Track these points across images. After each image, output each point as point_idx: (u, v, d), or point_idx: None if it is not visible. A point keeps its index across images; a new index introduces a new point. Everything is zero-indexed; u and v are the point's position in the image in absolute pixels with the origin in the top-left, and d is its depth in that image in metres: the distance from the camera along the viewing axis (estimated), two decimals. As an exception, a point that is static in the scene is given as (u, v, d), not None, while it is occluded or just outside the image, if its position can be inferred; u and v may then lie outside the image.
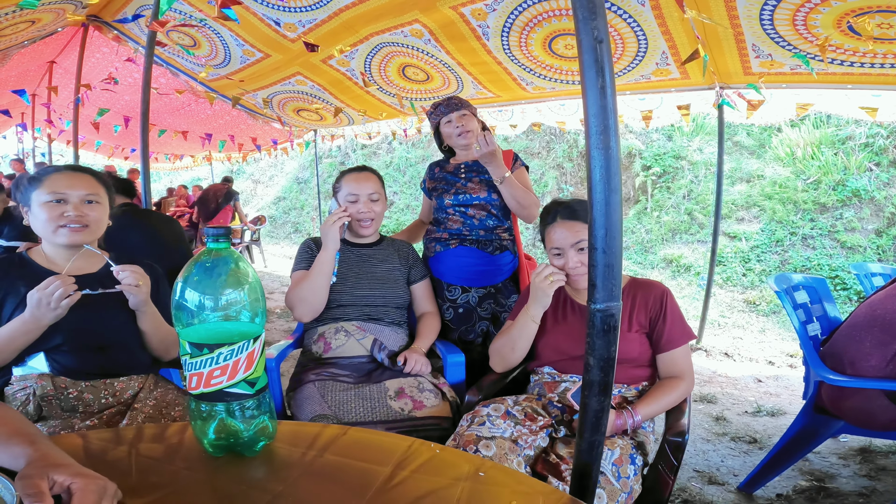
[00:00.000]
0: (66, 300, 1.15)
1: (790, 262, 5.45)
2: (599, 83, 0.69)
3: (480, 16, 2.87)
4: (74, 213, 1.27)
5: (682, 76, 3.18)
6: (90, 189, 1.31)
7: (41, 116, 6.21)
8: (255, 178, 13.53)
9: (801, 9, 2.23)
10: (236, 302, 0.74)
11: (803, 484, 2.06)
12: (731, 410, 2.86)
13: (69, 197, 1.28)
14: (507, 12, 2.79)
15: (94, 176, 1.35)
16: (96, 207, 1.32)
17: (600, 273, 0.74)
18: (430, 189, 2.12)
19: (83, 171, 1.35)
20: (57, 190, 1.27)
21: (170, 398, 1.30)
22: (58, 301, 1.13)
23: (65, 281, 1.15)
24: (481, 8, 2.80)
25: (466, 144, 2.03)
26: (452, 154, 2.14)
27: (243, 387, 0.76)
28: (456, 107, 2.02)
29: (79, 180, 1.30)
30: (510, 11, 2.78)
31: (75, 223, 1.27)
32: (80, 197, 1.29)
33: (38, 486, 0.60)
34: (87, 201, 1.30)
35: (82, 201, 1.30)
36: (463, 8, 2.82)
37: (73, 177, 1.30)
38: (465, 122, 2.01)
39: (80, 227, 1.28)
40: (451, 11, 2.86)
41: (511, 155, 2.09)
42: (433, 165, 2.16)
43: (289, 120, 5.49)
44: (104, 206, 1.35)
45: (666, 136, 7.43)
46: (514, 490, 0.74)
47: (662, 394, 1.33)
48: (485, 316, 2.00)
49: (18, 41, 3.76)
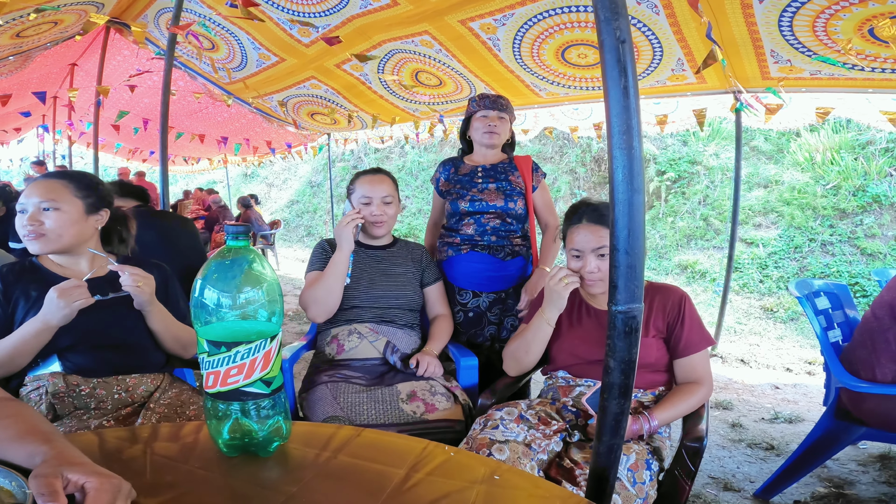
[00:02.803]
0: (78, 302, 1.15)
1: (809, 269, 5.36)
2: (622, 83, 0.68)
3: (490, 30, 2.88)
4: (28, 223, 1.25)
5: (698, 81, 3.16)
6: (45, 196, 1.26)
7: (62, 118, 6.32)
8: (269, 181, 13.66)
9: (821, 15, 2.20)
10: (254, 300, 0.74)
11: (821, 490, 2.03)
12: (748, 417, 2.81)
13: (27, 206, 1.26)
14: (517, 26, 2.79)
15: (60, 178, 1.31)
16: (52, 214, 1.26)
17: (622, 274, 0.73)
18: (444, 190, 2.10)
19: (54, 177, 1.31)
20: (22, 199, 1.26)
21: (184, 398, 1.31)
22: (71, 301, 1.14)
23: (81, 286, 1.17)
24: (490, 22, 2.80)
25: (489, 145, 2.02)
26: (469, 150, 2.13)
27: (259, 386, 0.76)
28: (501, 107, 2.01)
29: (37, 188, 1.27)
30: (520, 26, 2.77)
31: (32, 233, 1.25)
32: (34, 205, 1.25)
33: (52, 484, 0.59)
34: (43, 209, 1.26)
35: (38, 209, 1.26)
36: (471, 23, 2.83)
37: (36, 185, 1.27)
38: (499, 125, 2.00)
39: (34, 236, 1.25)
40: (459, 25, 2.87)
41: (530, 163, 2.06)
42: (448, 165, 2.12)
43: (303, 123, 5.54)
44: (64, 212, 1.28)
45: (681, 141, 7.37)
46: (530, 494, 0.73)
47: (680, 399, 1.31)
48: (494, 321, 1.99)
49: (41, 43, 3.84)
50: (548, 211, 2.07)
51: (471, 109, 2.05)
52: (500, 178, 2.00)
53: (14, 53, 3.79)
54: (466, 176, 2.03)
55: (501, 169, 2.03)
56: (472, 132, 2.06)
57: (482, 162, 2.06)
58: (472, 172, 2.04)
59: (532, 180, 2.02)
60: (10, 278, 1.27)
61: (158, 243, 2.09)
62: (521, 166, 2.04)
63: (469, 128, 2.08)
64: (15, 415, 0.76)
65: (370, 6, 2.83)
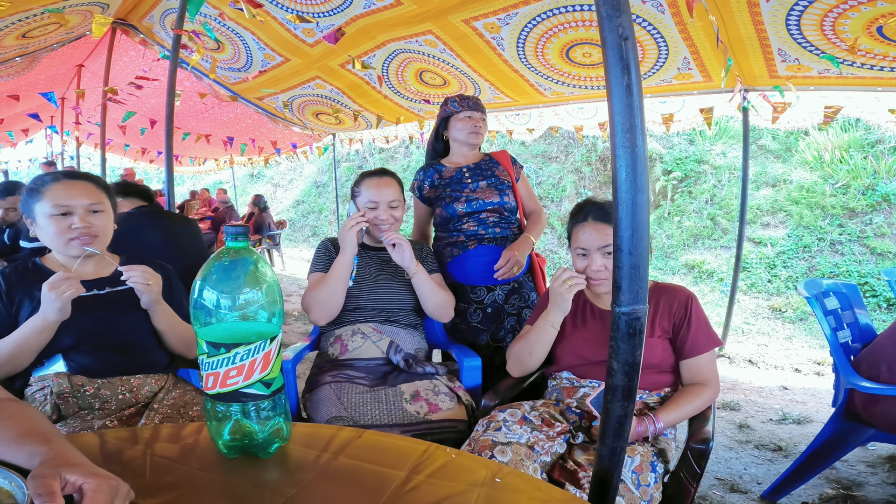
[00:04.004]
0: (67, 293, 1.14)
1: (818, 269, 5.31)
2: (625, 80, 0.67)
3: (494, 29, 2.87)
4: (82, 225, 1.25)
5: (704, 79, 3.13)
6: (93, 198, 1.29)
7: (70, 120, 6.36)
8: (275, 181, 13.70)
9: (829, 14, 2.18)
10: (254, 301, 0.74)
11: (830, 492, 2.01)
12: (755, 418, 2.79)
13: (73, 208, 1.26)
14: (521, 25, 2.77)
15: (93, 182, 1.33)
16: (101, 216, 1.30)
17: (626, 275, 0.72)
18: (430, 197, 2.08)
19: (82, 178, 1.32)
20: (60, 202, 1.24)
21: (188, 398, 1.31)
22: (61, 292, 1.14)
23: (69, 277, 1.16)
24: (494, 22, 2.79)
25: (474, 144, 2.04)
26: (444, 152, 2.13)
27: (259, 387, 0.75)
28: (482, 109, 2.04)
29: (80, 189, 1.28)
30: (524, 24, 2.76)
31: (84, 235, 1.26)
32: (84, 207, 1.27)
33: (50, 485, 0.60)
34: (91, 211, 1.29)
35: (87, 211, 1.28)
36: (475, 22, 2.82)
37: (74, 186, 1.28)
38: (482, 126, 2.03)
39: (88, 238, 1.27)
40: (463, 25, 2.86)
41: (508, 157, 2.09)
42: (429, 171, 2.08)
43: (308, 123, 5.55)
44: (108, 213, 1.33)
45: (688, 140, 7.32)
46: (531, 497, 0.73)
47: (686, 400, 1.30)
48: (512, 312, 1.99)
49: (47, 44, 3.86)
50: (531, 200, 2.12)
51: (451, 110, 2.05)
52: (487, 174, 2.02)
53: (21, 54, 3.81)
54: (453, 178, 2.03)
55: (485, 166, 2.06)
56: (453, 132, 2.06)
57: (465, 162, 2.06)
58: (458, 174, 2.03)
59: (514, 172, 2.07)
60: (13, 278, 1.27)
61: (162, 243, 2.09)
62: (501, 161, 2.09)
63: (447, 128, 2.08)
64: (15, 415, 0.76)
65: (374, 6, 2.83)
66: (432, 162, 2.13)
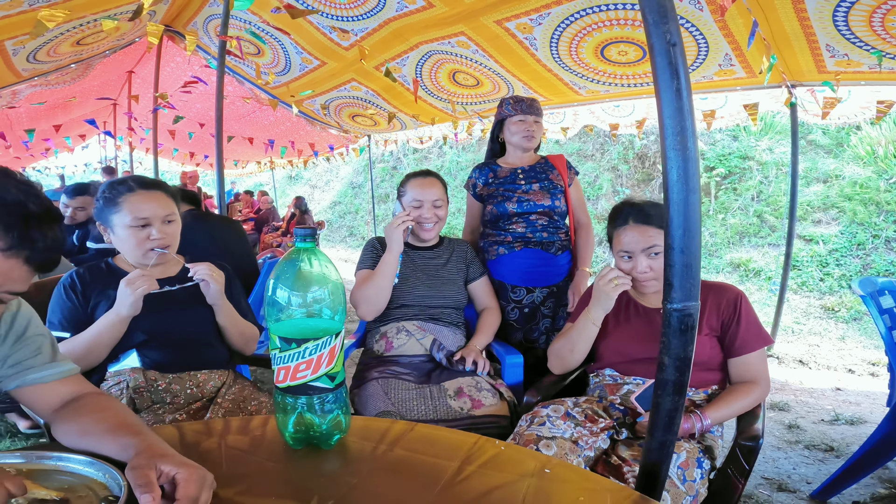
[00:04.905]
0: (141, 289, 1.22)
1: (873, 266, 5.07)
2: (675, 86, 0.69)
3: (526, 29, 2.86)
4: (160, 236, 1.34)
5: (748, 75, 3.04)
6: (168, 209, 1.37)
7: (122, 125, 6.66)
8: (313, 183, 13.98)
9: (877, 10, 2.10)
10: (321, 299, 0.79)
11: (882, 492, 1.96)
12: (806, 419, 2.71)
13: (151, 220, 1.33)
14: (554, 25, 2.76)
15: (165, 191, 1.40)
16: (174, 225, 1.39)
17: (678, 273, 0.73)
18: (483, 195, 2.11)
19: (155, 188, 1.38)
20: (139, 214, 1.32)
21: (246, 393, 1.38)
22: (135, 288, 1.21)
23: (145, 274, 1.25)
24: (526, 22, 2.79)
25: (528, 148, 2.06)
26: (501, 152, 2.15)
27: (325, 381, 0.80)
28: (537, 112, 2.05)
29: (156, 201, 1.35)
30: (557, 24, 2.74)
31: (162, 245, 1.34)
32: (161, 218, 1.35)
33: (148, 476, 0.64)
34: (167, 221, 1.37)
35: (164, 222, 1.36)
36: (507, 23, 2.82)
37: (150, 197, 1.35)
38: (536, 129, 2.04)
39: (163, 248, 1.35)
40: (495, 26, 2.86)
41: (564, 161, 2.10)
42: (484, 169, 2.12)
43: (345, 125, 5.65)
44: (178, 221, 1.42)
45: (731, 137, 7.10)
46: (580, 487, 0.75)
47: (734, 398, 1.29)
48: (547, 314, 2.02)
49: (100, 50, 4.05)
50: (581, 208, 2.12)
51: (505, 112, 2.07)
52: (541, 177, 2.04)
53: (75, 61, 4.01)
54: (507, 178, 2.06)
55: (540, 169, 2.08)
56: (507, 135, 2.08)
57: (520, 164, 2.09)
58: (512, 175, 2.06)
59: (568, 178, 2.08)
60: (88, 278, 1.36)
61: (210, 245, 2.20)
62: (557, 165, 2.09)
63: (502, 130, 2.10)
64: (107, 408, 0.83)
65: (406, 9, 2.87)
66: (488, 161, 2.18)
